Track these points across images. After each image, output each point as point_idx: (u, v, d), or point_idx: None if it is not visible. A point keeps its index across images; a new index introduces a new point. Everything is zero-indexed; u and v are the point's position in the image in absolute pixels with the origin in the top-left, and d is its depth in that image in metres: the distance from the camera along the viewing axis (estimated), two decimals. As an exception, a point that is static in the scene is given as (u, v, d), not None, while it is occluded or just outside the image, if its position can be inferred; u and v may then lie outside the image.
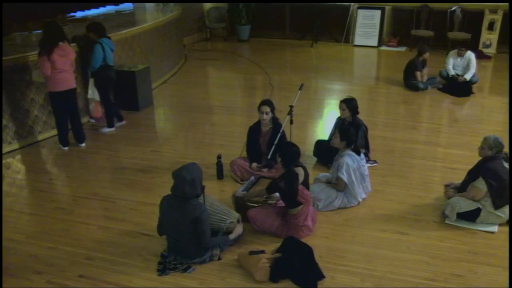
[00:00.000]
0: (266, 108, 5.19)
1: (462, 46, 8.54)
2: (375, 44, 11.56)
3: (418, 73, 8.34)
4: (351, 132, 4.82)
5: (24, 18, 8.45)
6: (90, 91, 6.72)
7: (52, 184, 5.50)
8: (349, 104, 5.49)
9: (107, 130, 6.78)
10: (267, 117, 5.21)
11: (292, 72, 10.03)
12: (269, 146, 5.23)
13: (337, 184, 4.81)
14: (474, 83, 8.37)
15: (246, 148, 5.50)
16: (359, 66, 11.01)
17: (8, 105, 6.06)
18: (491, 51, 10.66)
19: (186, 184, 3.72)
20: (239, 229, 4.19)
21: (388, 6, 11.54)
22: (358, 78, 9.88)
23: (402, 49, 11.32)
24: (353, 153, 4.78)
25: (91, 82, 6.62)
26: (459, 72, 8.43)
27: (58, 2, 9.15)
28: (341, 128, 4.92)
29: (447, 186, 5.00)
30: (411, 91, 8.31)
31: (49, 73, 5.67)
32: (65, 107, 6.02)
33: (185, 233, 3.83)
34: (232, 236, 4.11)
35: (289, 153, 4.27)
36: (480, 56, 10.00)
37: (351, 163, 4.72)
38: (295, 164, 4.27)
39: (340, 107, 5.54)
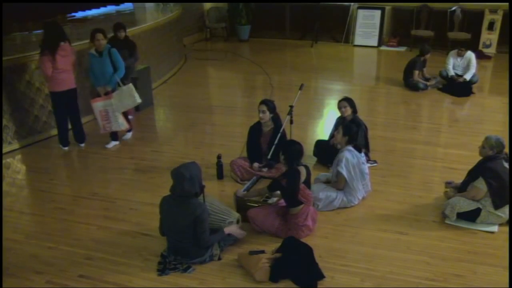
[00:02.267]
0: (263, 107, 5.20)
1: (462, 46, 8.54)
2: (375, 44, 11.55)
3: (416, 72, 8.34)
4: (354, 129, 4.85)
5: (24, 18, 8.44)
6: (136, 95, 6.08)
7: (52, 184, 5.49)
8: (350, 102, 5.51)
9: (130, 135, 6.58)
10: (264, 116, 5.21)
11: (292, 72, 10.02)
12: (270, 146, 5.23)
13: (337, 182, 4.81)
14: (474, 83, 8.37)
15: (246, 148, 5.50)
16: (359, 66, 11.01)
17: (8, 105, 6.07)
18: (491, 51, 10.65)
19: (185, 180, 3.71)
20: (232, 228, 4.14)
21: (388, 6, 11.53)
22: (358, 78, 9.87)
23: (402, 49, 11.31)
24: (353, 149, 4.79)
25: (131, 86, 6.13)
26: (459, 72, 8.43)
27: (58, 2, 9.14)
28: (345, 124, 4.91)
29: (447, 183, 4.99)
30: (411, 91, 8.31)
31: (50, 73, 5.67)
32: (65, 107, 6.02)
33: (185, 233, 3.82)
34: (226, 231, 4.08)
35: (293, 151, 4.25)
36: (480, 56, 10.00)
37: (350, 158, 4.72)
38: (298, 163, 4.26)
39: (342, 106, 5.53)
